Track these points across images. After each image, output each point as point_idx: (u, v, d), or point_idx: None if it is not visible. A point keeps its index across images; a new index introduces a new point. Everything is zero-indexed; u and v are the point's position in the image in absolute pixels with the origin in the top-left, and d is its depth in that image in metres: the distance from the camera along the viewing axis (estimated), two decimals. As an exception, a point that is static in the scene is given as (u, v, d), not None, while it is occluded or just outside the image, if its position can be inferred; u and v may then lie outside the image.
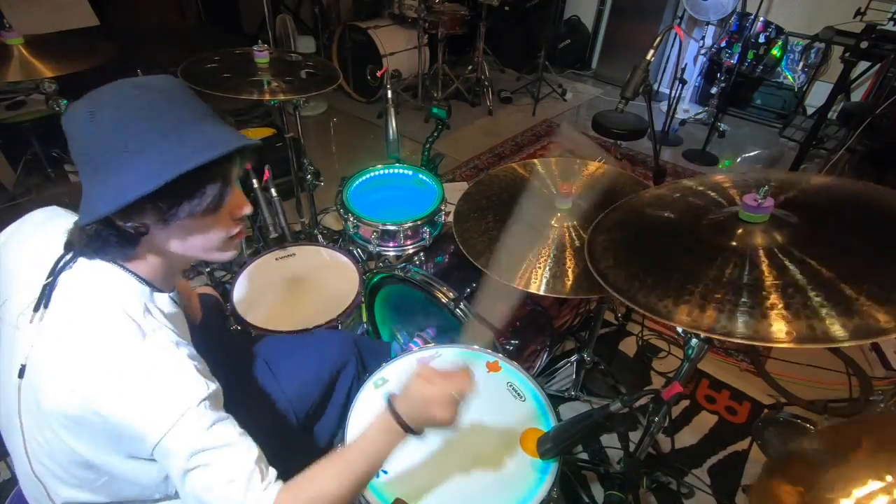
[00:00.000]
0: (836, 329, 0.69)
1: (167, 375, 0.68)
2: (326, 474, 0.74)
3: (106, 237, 0.70)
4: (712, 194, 1.04)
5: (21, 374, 0.71)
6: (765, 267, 0.81)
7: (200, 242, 0.76)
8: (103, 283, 0.73)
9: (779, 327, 0.72)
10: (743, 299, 0.77)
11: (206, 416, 0.68)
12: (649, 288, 0.85)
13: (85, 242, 0.71)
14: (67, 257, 0.73)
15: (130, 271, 0.75)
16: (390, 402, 0.79)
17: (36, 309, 0.71)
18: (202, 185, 0.70)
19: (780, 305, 0.74)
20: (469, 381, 0.80)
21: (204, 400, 0.68)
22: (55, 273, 0.72)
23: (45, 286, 0.71)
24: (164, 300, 0.79)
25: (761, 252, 0.84)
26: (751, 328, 0.74)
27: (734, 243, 0.87)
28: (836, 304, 0.72)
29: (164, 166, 0.65)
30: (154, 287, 0.77)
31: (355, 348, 1.26)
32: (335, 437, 1.20)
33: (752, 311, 0.75)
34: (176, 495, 0.84)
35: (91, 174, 0.68)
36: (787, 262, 0.81)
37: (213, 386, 0.71)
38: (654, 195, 1.12)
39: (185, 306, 0.96)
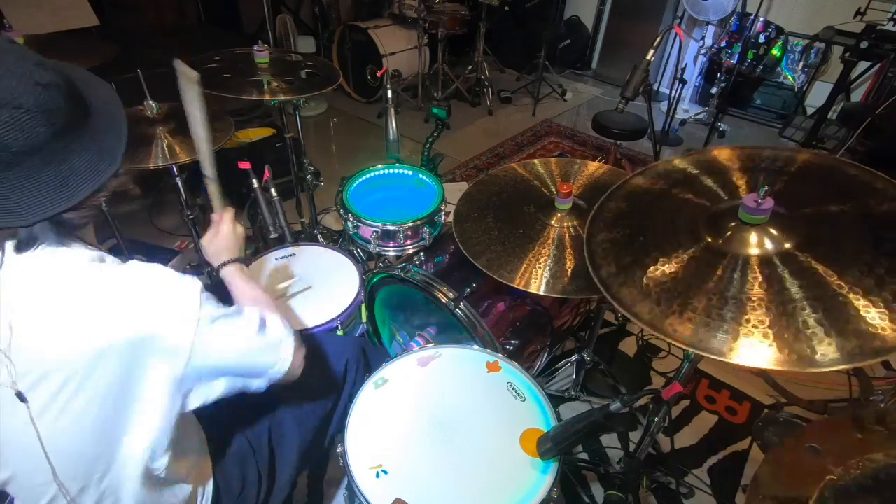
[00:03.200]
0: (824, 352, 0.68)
1: (162, 280, 0.73)
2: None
3: (59, 225, 0.69)
4: (712, 185, 1.00)
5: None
6: (760, 278, 0.79)
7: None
8: (54, 250, 0.70)
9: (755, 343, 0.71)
10: (730, 313, 0.76)
11: (213, 298, 0.77)
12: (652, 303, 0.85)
13: (31, 236, 0.68)
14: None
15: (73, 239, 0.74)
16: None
17: None
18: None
19: (766, 323, 0.73)
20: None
21: (203, 291, 0.76)
22: None
23: None
24: None
25: (754, 261, 0.82)
26: (726, 345, 0.73)
27: (733, 249, 0.85)
28: (833, 322, 0.70)
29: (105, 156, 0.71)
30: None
31: (363, 357, 1.29)
32: (335, 435, 1.21)
33: (731, 325, 0.74)
34: (160, 481, 0.83)
35: (35, 169, 0.64)
36: (785, 274, 0.78)
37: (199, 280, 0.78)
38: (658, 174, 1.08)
39: None
